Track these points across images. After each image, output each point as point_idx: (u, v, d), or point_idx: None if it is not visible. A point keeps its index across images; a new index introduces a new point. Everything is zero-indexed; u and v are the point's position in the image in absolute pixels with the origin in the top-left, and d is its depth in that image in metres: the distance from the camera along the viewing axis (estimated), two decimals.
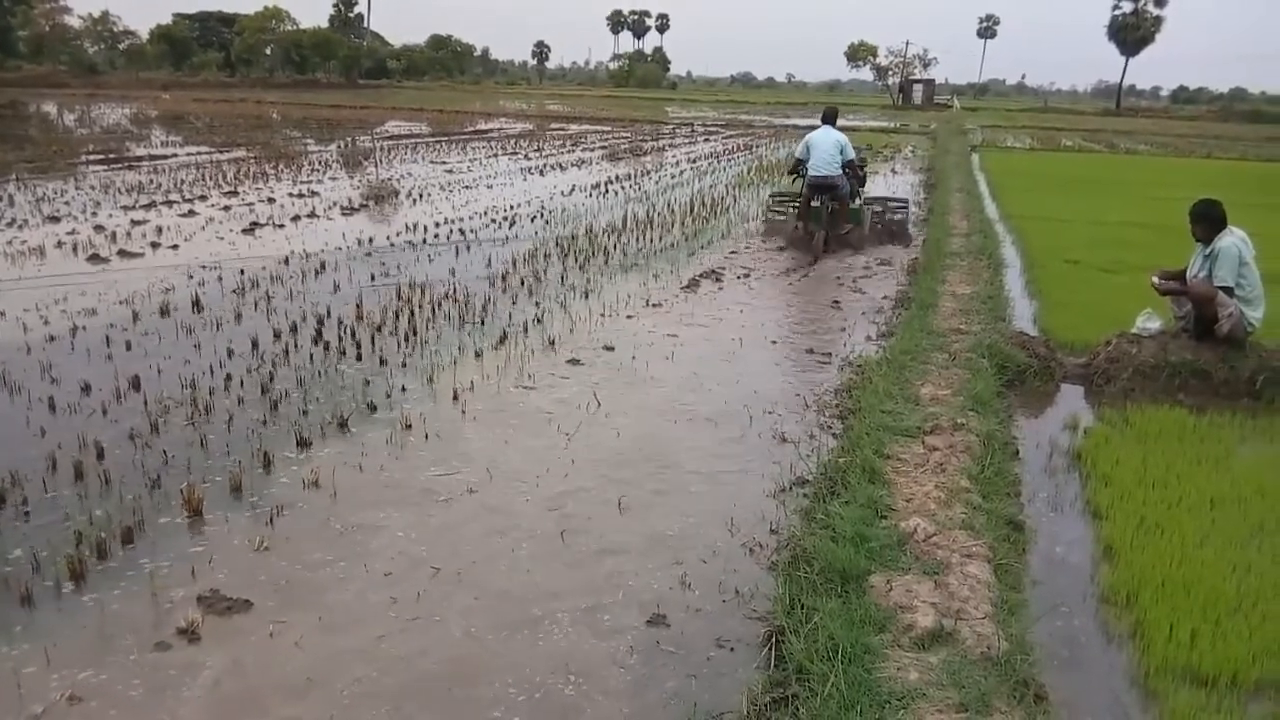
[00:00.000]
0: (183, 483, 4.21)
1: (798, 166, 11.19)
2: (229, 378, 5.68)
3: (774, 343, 7.15)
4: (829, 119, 11.06)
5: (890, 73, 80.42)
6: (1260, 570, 3.68)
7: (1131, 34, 76.21)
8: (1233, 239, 6.04)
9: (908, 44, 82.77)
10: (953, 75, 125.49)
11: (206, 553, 3.73)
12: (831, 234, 10.94)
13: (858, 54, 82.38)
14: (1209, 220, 6.14)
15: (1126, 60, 79.26)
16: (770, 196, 12.92)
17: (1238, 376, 6.00)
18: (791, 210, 11.67)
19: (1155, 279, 6.46)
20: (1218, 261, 6.01)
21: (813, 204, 10.95)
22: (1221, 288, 5.97)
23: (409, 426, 5.09)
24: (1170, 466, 4.71)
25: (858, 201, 11.68)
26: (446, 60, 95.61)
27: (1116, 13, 76.91)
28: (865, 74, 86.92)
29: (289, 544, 3.83)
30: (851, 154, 11.03)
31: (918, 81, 77.97)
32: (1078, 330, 7.16)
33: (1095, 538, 4.10)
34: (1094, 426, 5.40)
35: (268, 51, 79.72)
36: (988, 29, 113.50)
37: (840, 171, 10.79)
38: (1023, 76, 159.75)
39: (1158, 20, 76.29)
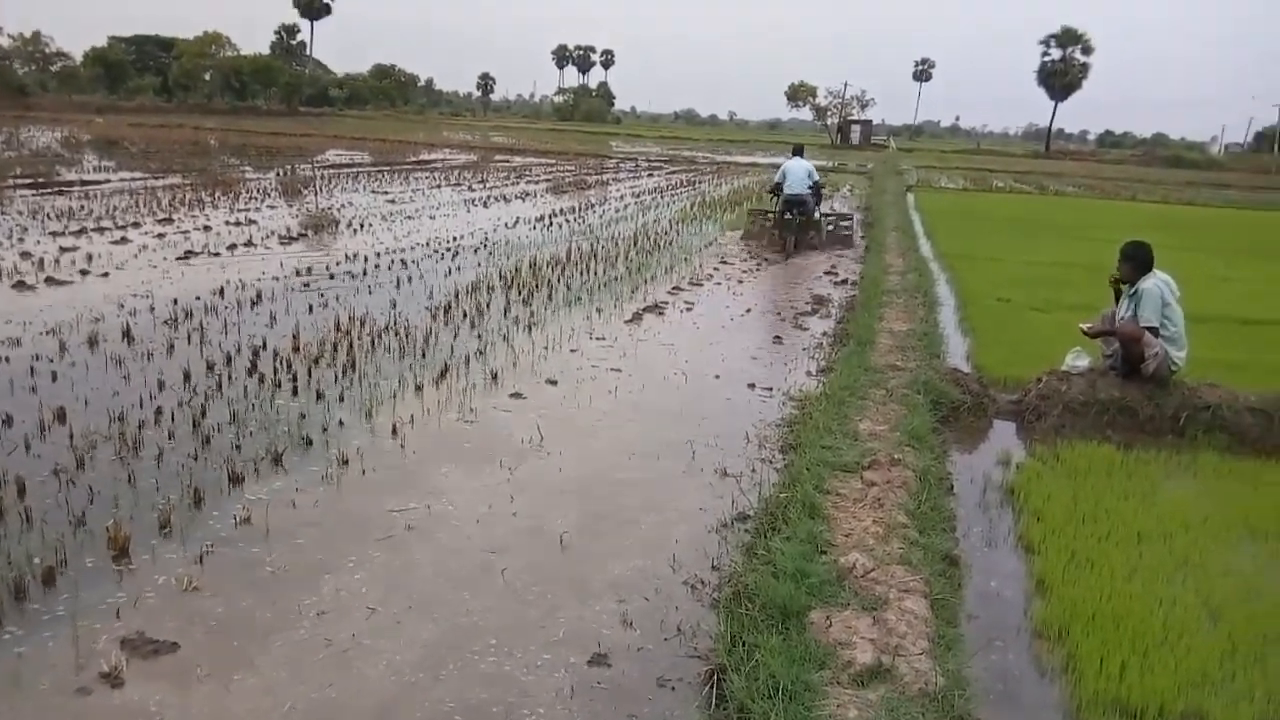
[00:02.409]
0: (109, 520, 4.07)
1: (776, 188, 14.57)
2: (159, 411, 5.52)
3: (717, 377, 7.21)
4: (799, 151, 15.00)
5: (829, 113, 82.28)
6: (1185, 603, 3.79)
7: (1060, 80, 79.17)
8: (1155, 281, 6.28)
9: (846, 85, 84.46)
10: (889, 116, 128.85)
11: (132, 593, 3.60)
12: (799, 238, 14.45)
13: (798, 94, 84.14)
14: (1136, 261, 6.38)
15: (1055, 105, 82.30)
16: (750, 211, 16.68)
17: (1163, 414, 6.21)
18: (767, 220, 15.13)
19: (1084, 326, 6.68)
20: (1141, 302, 6.24)
21: (786, 216, 14.27)
22: (1147, 328, 6.19)
23: (346, 462, 4.99)
24: (1099, 502, 4.84)
25: (818, 214, 15.29)
26: (390, 90, 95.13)
27: (1046, 59, 79.91)
28: (805, 114, 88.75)
29: (219, 584, 3.72)
30: (817, 176, 14.66)
31: (855, 122, 79.89)
32: (1010, 367, 7.35)
33: (1028, 572, 4.19)
34: (1026, 462, 5.53)
35: (207, 77, 78.45)
36: (923, 72, 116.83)
37: (809, 191, 14.26)
38: (956, 119, 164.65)
39: (1085, 67, 79.42)
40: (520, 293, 9.74)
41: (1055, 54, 79.34)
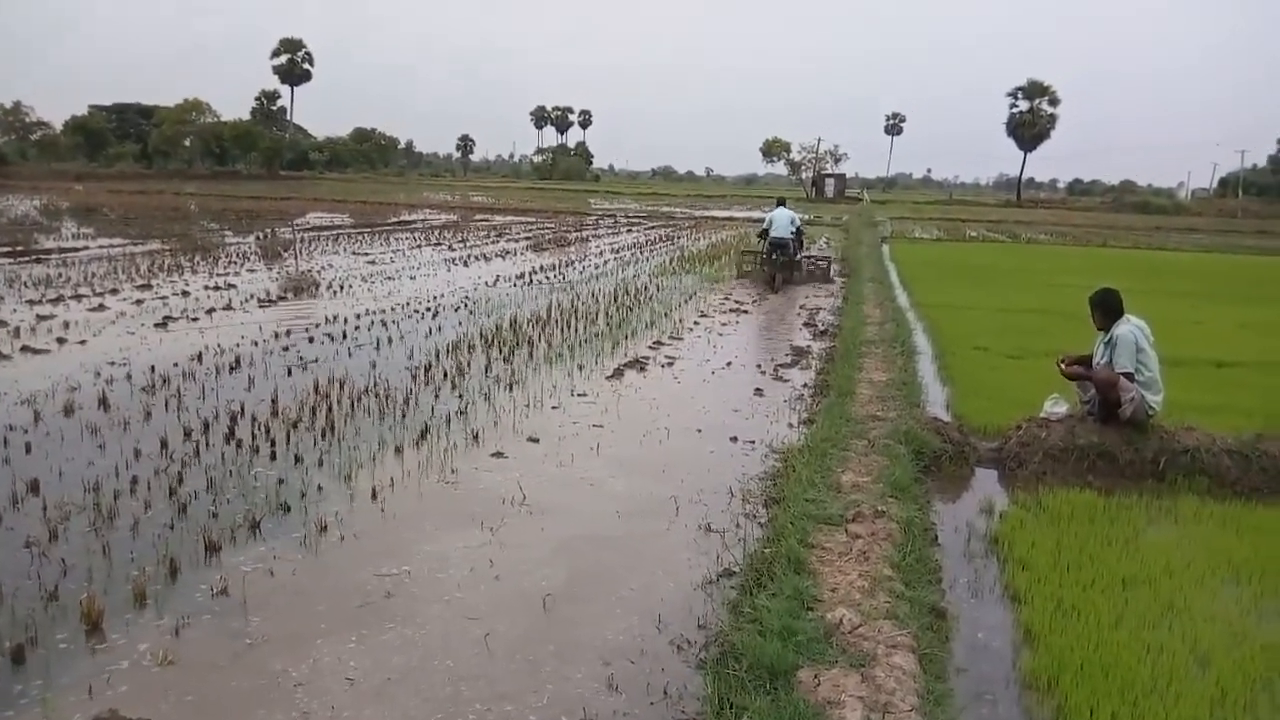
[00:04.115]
0: (82, 594, 3.98)
1: (763, 233, 17.34)
2: (135, 480, 5.45)
3: (699, 431, 7.20)
4: (782, 202, 18.35)
5: (804, 167, 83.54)
6: (1171, 650, 3.78)
7: (1028, 130, 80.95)
8: (1129, 327, 6.36)
9: (820, 140, 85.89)
10: (862, 169, 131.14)
11: (105, 669, 3.52)
12: (783, 276, 17.04)
13: (773, 149, 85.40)
14: (1105, 308, 6.48)
15: (1025, 155, 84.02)
16: (741, 253, 19.64)
17: (1142, 458, 6.25)
18: (757, 261, 17.86)
19: (1061, 364, 6.74)
20: (1116, 349, 6.31)
21: (772, 256, 17.00)
22: (1123, 373, 6.26)
23: (324, 528, 4.93)
24: (1083, 548, 4.84)
25: (799, 255, 18.08)
26: (370, 152, 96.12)
27: (1014, 110, 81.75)
28: (780, 168, 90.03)
29: (195, 657, 3.64)
30: (799, 223, 17.55)
31: (830, 175, 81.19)
32: (989, 415, 7.39)
33: (1015, 622, 4.16)
34: (1009, 510, 5.53)
35: (187, 143, 79.03)
36: (894, 126, 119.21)
37: (791, 235, 17.03)
38: (928, 170, 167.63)
39: (1052, 118, 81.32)
40: (501, 351, 9.74)
41: (1023, 105, 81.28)
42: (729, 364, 9.89)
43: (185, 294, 13.19)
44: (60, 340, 9.63)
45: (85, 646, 3.70)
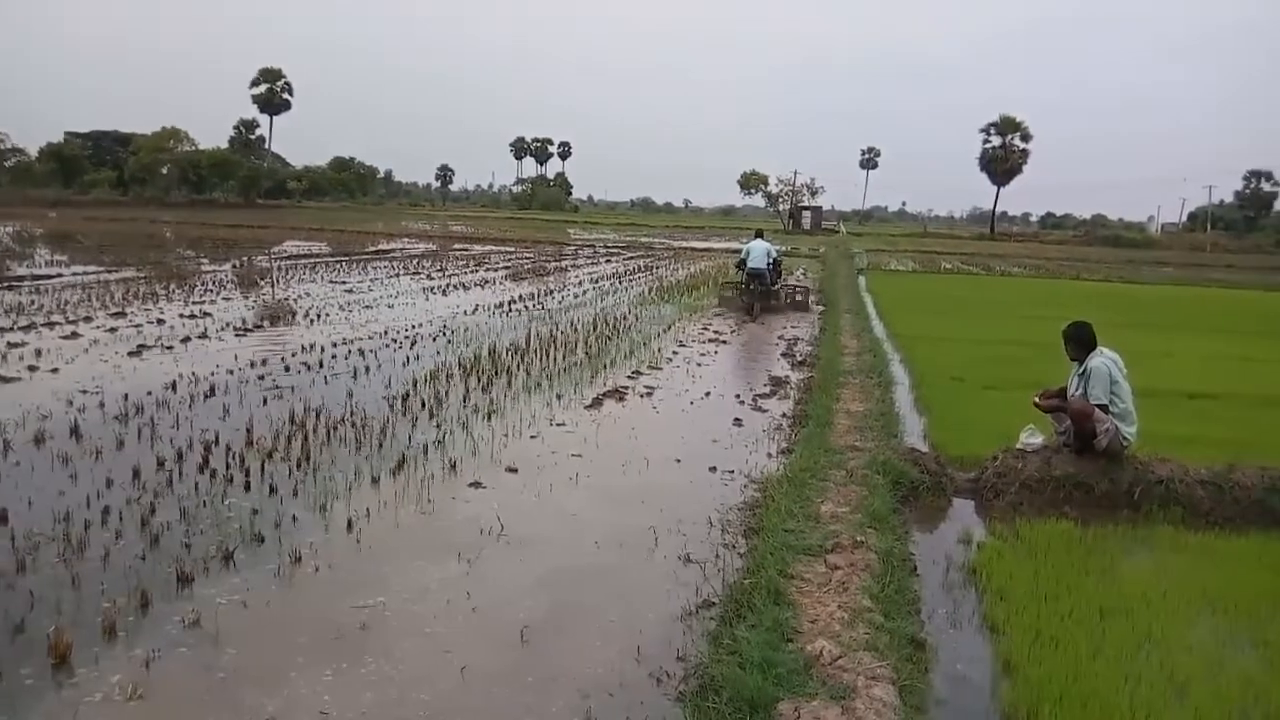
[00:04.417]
0: (50, 627, 3.90)
1: (741, 263, 17.99)
2: (107, 510, 5.36)
3: (678, 461, 7.19)
4: (759, 234, 18.94)
5: (781, 199, 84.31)
6: (1150, 680, 3.79)
7: (1001, 165, 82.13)
8: (1103, 359, 6.44)
9: (796, 173, 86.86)
10: (839, 202, 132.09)
11: (73, 704, 3.44)
12: (761, 305, 17.50)
13: (750, 182, 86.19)
14: (1078, 341, 6.56)
15: (998, 189, 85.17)
16: (721, 284, 20.05)
17: (1117, 489, 6.30)
18: (736, 290, 18.19)
19: (1036, 399, 6.81)
20: (1090, 381, 6.39)
21: (750, 286, 17.53)
22: (1097, 405, 6.32)
23: (299, 559, 4.87)
24: (1060, 579, 4.86)
25: (778, 285, 18.71)
26: (349, 181, 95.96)
27: (987, 145, 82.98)
28: (758, 200, 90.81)
29: (166, 691, 3.57)
30: (775, 254, 18.21)
31: (806, 208, 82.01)
32: (966, 445, 7.43)
33: (994, 653, 4.17)
34: (986, 540, 5.55)
35: (164, 171, 78.64)
36: (869, 160, 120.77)
37: (767, 266, 17.56)
38: (903, 203, 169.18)
39: (1025, 153, 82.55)
40: (480, 380, 9.71)
41: (996, 141, 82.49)
42: (708, 394, 9.91)
43: (160, 322, 13.07)
44: (31, 368, 9.50)
45: (52, 681, 3.62)
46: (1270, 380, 11.34)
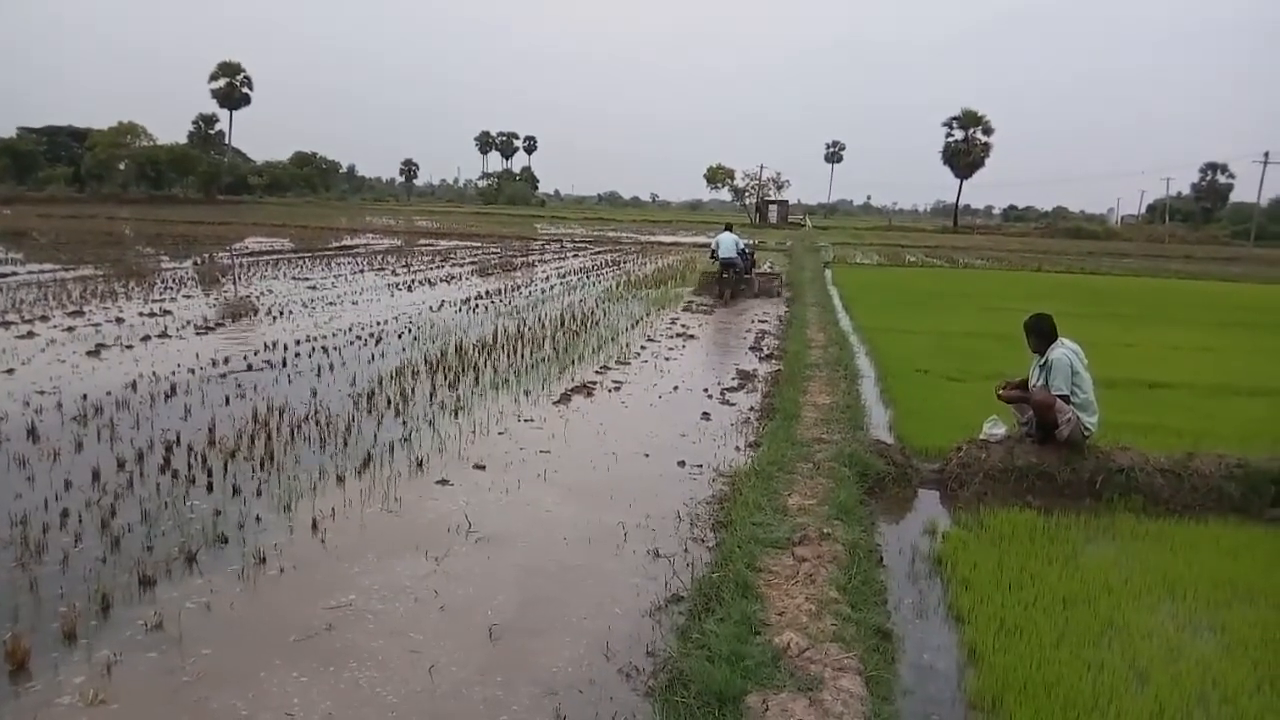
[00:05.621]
0: (7, 632, 3.82)
1: (713, 254, 19.95)
2: (66, 513, 5.26)
3: (647, 456, 7.19)
4: (729, 227, 20.68)
5: (747, 194, 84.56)
6: (1112, 667, 3.85)
7: (963, 159, 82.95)
8: (1064, 350, 6.53)
9: (762, 168, 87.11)
10: (804, 196, 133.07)
11: (31, 711, 3.37)
12: (733, 291, 19.61)
13: (716, 176, 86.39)
14: (1039, 333, 6.65)
15: (961, 182, 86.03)
16: (701, 273, 21.76)
17: (1079, 478, 6.39)
18: (711, 278, 20.16)
19: (999, 390, 6.89)
20: (1051, 372, 6.47)
21: (723, 275, 19.54)
22: (1059, 395, 6.41)
23: (263, 560, 4.81)
24: (1024, 568, 4.92)
25: (750, 274, 20.82)
26: (311, 176, 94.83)
27: (949, 139, 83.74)
28: (725, 194, 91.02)
29: (127, 696, 3.51)
30: (744, 245, 20.38)
31: (773, 202, 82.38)
32: (930, 437, 7.51)
33: (959, 642, 4.21)
34: (951, 531, 5.61)
35: (121, 167, 77.20)
36: (834, 154, 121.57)
37: (738, 256, 19.54)
38: (868, 197, 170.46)
39: (986, 146, 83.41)
40: (446, 377, 9.64)
41: (958, 135, 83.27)
42: (676, 388, 9.92)
43: (119, 321, 12.84)
44: None
45: (9, 688, 3.54)
46: (1228, 370, 11.57)
